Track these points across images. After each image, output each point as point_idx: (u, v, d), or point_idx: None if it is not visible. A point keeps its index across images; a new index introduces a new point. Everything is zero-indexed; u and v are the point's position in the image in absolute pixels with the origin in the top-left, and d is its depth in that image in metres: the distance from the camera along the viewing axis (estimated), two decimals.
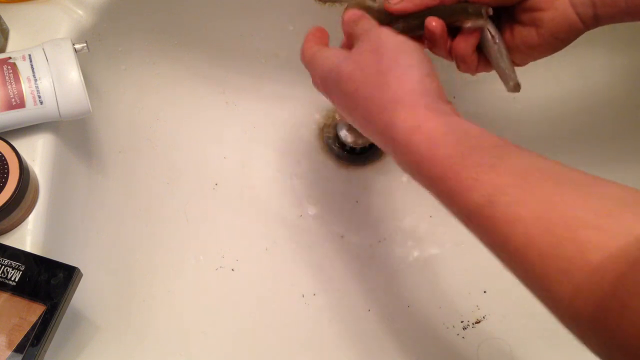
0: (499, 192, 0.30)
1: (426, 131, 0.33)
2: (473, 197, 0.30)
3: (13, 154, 0.42)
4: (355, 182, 0.63)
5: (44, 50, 0.45)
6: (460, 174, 0.31)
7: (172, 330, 0.53)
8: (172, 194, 0.59)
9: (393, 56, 0.35)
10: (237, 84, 0.63)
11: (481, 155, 0.31)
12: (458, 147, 0.32)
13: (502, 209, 0.29)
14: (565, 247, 0.27)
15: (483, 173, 0.30)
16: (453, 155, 0.32)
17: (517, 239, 0.29)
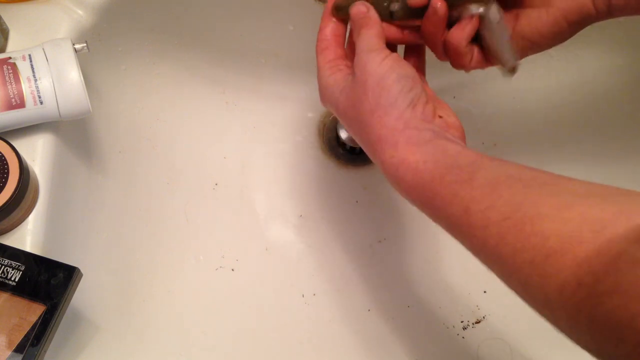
0: (473, 202, 0.33)
1: (408, 163, 0.37)
2: (452, 210, 0.34)
3: (13, 154, 0.42)
4: (355, 182, 0.63)
5: (44, 50, 0.45)
6: (441, 192, 0.35)
7: (172, 330, 0.53)
8: (172, 194, 0.59)
9: (375, 95, 0.38)
10: (237, 84, 0.63)
11: (457, 172, 0.35)
12: (437, 170, 0.36)
13: (476, 215, 0.33)
14: (531, 240, 0.30)
15: (459, 188, 0.34)
16: (433, 179, 0.36)
17: (492, 240, 0.32)
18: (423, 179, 0.36)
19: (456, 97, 0.63)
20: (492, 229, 0.32)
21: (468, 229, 0.34)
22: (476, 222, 0.33)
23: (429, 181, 0.36)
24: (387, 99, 0.38)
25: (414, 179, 0.36)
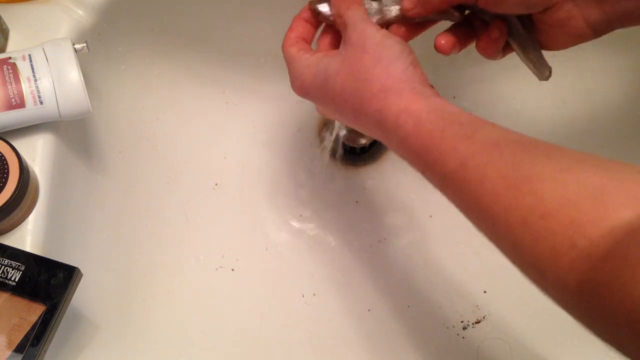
0: (470, 157, 0.33)
1: (412, 111, 0.36)
2: (449, 164, 0.34)
3: (13, 154, 0.42)
4: (355, 182, 0.63)
5: (44, 50, 0.45)
6: (440, 145, 0.35)
7: (172, 330, 0.53)
8: (172, 194, 0.59)
9: (378, 51, 0.38)
10: (237, 84, 0.63)
11: (458, 128, 0.35)
12: (439, 122, 0.35)
13: (473, 170, 0.33)
14: (526, 199, 0.30)
15: (459, 143, 0.34)
16: (434, 130, 0.35)
17: (485, 197, 0.32)
18: (423, 129, 0.36)
19: (456, 97, 0.63)
20: (487, 185, 0.32)
21: (462, 184, 0.33)
22: (471, 177, 0.33)
23: (428, 132, 0.35)
24: (390, 53, 0.38)
25: (414, 128, 0.36)
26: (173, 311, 0.54)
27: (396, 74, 0.38)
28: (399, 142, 0.37)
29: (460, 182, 0.33)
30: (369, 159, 0.64)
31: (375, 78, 0.38)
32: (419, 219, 0.61)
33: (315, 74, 0.41)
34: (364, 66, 0.38)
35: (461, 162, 0.33)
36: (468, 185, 0.33)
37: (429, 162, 0.36)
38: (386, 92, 0.38)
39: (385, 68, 0.38)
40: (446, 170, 0.34)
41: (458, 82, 0.62)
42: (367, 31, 0.39)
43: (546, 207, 0.29)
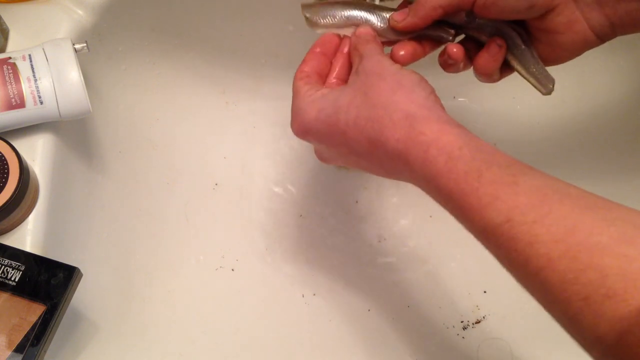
0: (517, 211, 0.30)
1: (442, 145, 0.33)
2: (491, 215, 0.31)
3: (13, 154, 0.42)
4: (355, 182, 0.63)
5: (44, 50, 0.45)
6: (478, 191, 0.31)
7: (172, 330, 0.53)
8: (172, 194, 0.59)
9: (396, 78, 0.36)
10: (237, 84, 0.63)
11: (498, 172, 0.32)
12: (474, 162, 0.32)
13: (521, 228, 0.30)
14: (587, 273, 0.27)
15: (501, 190, 0.31)
16: (470, 171, 0.32)
17: (537, 261, 0.29)
18: (457, 168, 0.32)
19: (456, 97, 0.63)
20: (539, 249, 0.29)
21: (507, 242, 0.30)
22: (520, 236, 0.29)
23: (463, 172, 0.32)
24: (410, 81, 0.36)
25: (447, 165, 0.32)
26: (173, 311, 0.54)
27: (419, 100, 0.35)
28: (426, 180, 0.34)
29: (506, 240, 0.30)
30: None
31: (397, 104, 0.35)
32: (419, 219, 0.61)
33: (321, 108, 0.38)
34: (382, 93, 0.36)
35: (506, 216, 0.30)
36: (515, 244, 0.30)
37: (464, 209, 0.32)
38: (410, 119, 0.34)
39: (407, 94, 0.35)
40: (488, 222, 0.31)
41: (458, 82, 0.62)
42: (383, 62, 0.37)
43: (611, 286, 0.26)
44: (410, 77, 0.36)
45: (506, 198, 0.30)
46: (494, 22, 0.40)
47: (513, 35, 0.40)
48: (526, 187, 0.31)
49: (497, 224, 0.30)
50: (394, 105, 0.35)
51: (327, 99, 0.38)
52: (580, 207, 0.29)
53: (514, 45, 0.40)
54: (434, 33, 0.41)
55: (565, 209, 0.29)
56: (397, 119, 0.35)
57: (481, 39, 0.41)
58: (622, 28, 0.38)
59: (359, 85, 0.37)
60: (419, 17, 0.39)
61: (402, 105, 0.35)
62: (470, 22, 0.41)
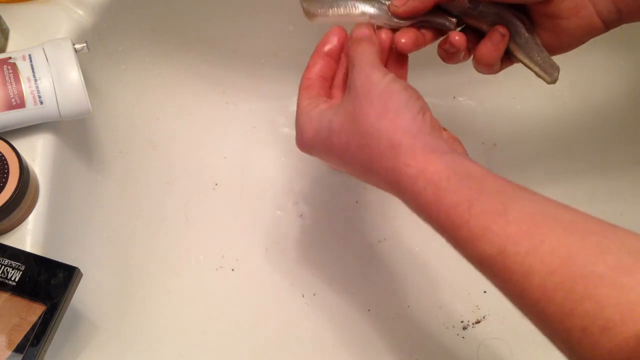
0: (509, 241, 0.30)
1: (429, 176, 0.33)
2: (484, 247, 0.30)
3: (13, 154, 0.42)
4: (355, 182, 0.63)
5: (44, 50, 0.45)
6: (469, 223, 0.31)
7: (172, 330, 0.53)
8: (172, 194, 0.59)
9: (382, 101, 0.35)
10: (237, 84, 0.63)
11: (488, 201, 0.31)
12: (463, 192, 0.32)
13: (515, 259, 0.29)
14: (584, 305, 0.27)
15: (492, 221, 0.30)
16: (460, 202, 0.32)
17: (534, 293, 0.29)
18: (446, 200, 0.32)
19: (456, 96, 0.63)
20: (534, 280, 0.28)
21: (503, 273, 0.30)
22: (514, 267, 0.29)
23: (452, 205, 0.32)
24: (397, 102, 0.35)
25: (436, 197, 0.32)
26: (173, 311, 0.54)
27: (405, 126, 0.34)
28: (418, 208, 0.34)
29: (501, 271, 0.30)
30: None
31: (382, 133, 0.34)
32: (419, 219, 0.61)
33: (317, 130, 0.38)
34: (369, 120, 0.35)
35: (498, 248, 0.30)
36: (510, 275, 0.29)
37: (457, 240, 0.32)
38: (396, 149, 0.34)
39: (392, 120, 0.34)
40: (481, 254, 0.31)
41: (458, 82, 0.62)
42: (372, 77, 0.36)
43: (608, 317, 0.26)
44: (398, 96, 0.35)
45: (497, 229, 0.30)
46: (497, 9, 0.39)
47: (516, 23, 0.39)
48: (517, 215, 0.30)
49: (491, 255, 0.30)
50: (380, 134, 0.35)
51: (323, 119, 0.38)
52: (574, 235, 0.29)
53: (517, 34, 0.40)
54: (436, 20, 0.41)
55: (559, 238, 0.29)
56: (384, 148, 0.35)
57: (482, 29, 0.41)
58: (628, 15, 0.37)
59: (350, 107, 0.36)
60: (419, 1, 0.39)
61: (388, 134, 0.34)
62: (473, 8, 0.40)
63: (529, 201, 0.31)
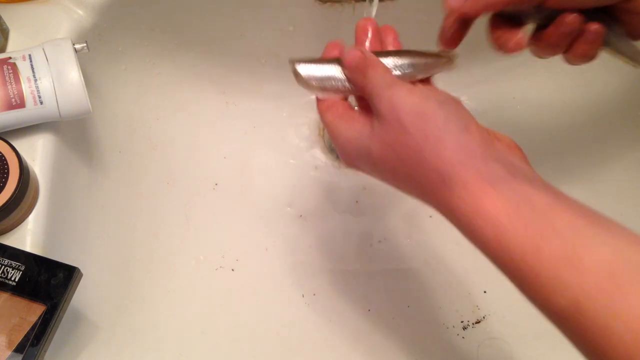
0: (585, 296, 0.27)
1: (487, 216, 0.29)
2: (556, 300, 0.28)
3: (13, 154, 0.42)
4: (355, 182, 0.63)
5: (44, 50, 0.45)
6: (538, 274, 0.28)
7: (172, 330, 0.53)
8: (172, 194, 0.59)
9: (419, 127, 0.31)
10: (237, 84, 0.63)
11: (558, 244, 0.28)
12: (528, 234, 0.28)
13: (592, 316, 0.26)
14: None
15: (564, 270, 0.27)
16: (526, 249, 0.28)
17: (614, 354, 0.26)
18: (509, 243, 0.29)
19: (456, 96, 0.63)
20: (613, 340, 0.25)
21: (576, 328, 0.27)
22: (590, 325, 0.26)
23: (519, 251, 0.28)
24: (434, 127, 0.31)
25: (496, 236, 0.29)
26: (173, 311, 0.54)
27: (450, 154, 0.30)
28: (476, 244, 0.31)
29: (575, 326, 0.27)
30: None
31: (428, 165, 0.31)
32: (419, 219, 0.61)
33: (359, 154, 0.35)
34: (410, 152, 0.31)
35: (572, 300, 0.27)
36: (587, 332, 0.27)
37: (524, 285, 0.29)
38: (445, 182, 0.31)
39: (435, 149, 0.31)
40: (552, 307, 0.28)
41: (458, 82, 0.62)
42: (396, 102, 0.32)
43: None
44: (434, 118, 0.31)
45: (571, 279, 0.27)
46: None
47: (607, 20, 0.36)
48: (592, 263, 0.27)
49: (562, 306, 0.27)
50: (426, 167, 0.31)
51: (361, 145, 0.34)
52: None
53: (613, 33, 0.36)
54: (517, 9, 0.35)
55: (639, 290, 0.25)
56: (434, 181, 0.31)
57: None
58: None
59: (385, 137, 0.33)
60: (482, 5, 0.34)
61: (434, 166, 0.31)
62: (538, 12, 0.36)
63: (603, 243, 0.27)
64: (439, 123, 0.31)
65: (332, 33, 0.61)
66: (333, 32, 0.61)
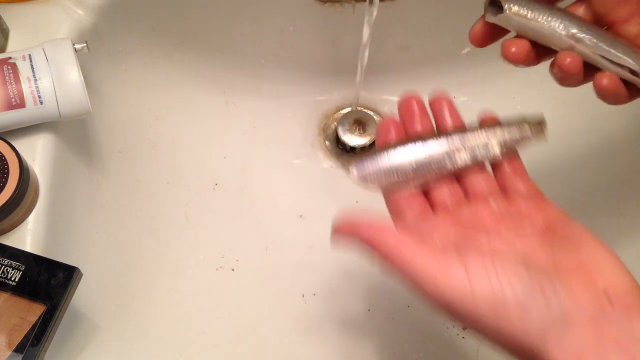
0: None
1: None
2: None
3: (13, 154, 0.42)
4: None
5: (44, 50, 0.45)
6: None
7: (172, 330, 0.53)
8: (172, 194, 0.59)
9: (495, 304, 0.27)
10: (237, 84, 0.63)
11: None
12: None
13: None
14: None
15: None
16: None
17: None
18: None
19: (456, 96, 0.63)
20: None
21: None
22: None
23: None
24: (509, 300, 0.27)
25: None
26: (173, 311, 0.54)
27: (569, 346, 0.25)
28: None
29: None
30: None
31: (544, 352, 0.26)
32: None
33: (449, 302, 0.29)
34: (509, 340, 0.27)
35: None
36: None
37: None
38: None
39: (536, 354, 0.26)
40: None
41: (458, 82, 0.62)
42: (441, 280, 0.28)
43: None
44: (510, 289, 0.27)
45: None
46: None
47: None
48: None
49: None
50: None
51: (448, 290, 0.29)
52: None
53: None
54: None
55: None
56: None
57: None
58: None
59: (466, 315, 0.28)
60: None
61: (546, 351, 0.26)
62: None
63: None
64: (517, 293, 0.27)
65: (332, 33, 0.61)
66: (333, 32, 0.61)
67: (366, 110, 0.65)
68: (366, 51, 0.55)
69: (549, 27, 0.33)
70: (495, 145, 0.34)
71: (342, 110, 0.65)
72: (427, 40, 0.44)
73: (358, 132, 0.63)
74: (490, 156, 0.34)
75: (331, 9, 0.58)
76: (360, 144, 0.62)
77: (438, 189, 0.35)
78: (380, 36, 0.57)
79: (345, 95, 0.65)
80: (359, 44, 0.54)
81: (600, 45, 0.33)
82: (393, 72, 0.63)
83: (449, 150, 0.34)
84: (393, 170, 0.34)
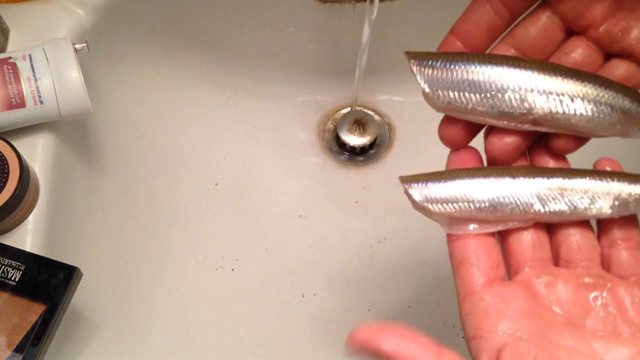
0: None
1: None
2: None
3: (13, 154, 0.42)
4: (355, 182, 0.63)
5: (44, 50, 0.45)
6: None
7: (172, 330, 0.53)
8: (172, 194, 0.59)
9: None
10: (237, 84, 0.63)
11: None
12: None
13: None
14: None
15: None
16: None
17: None
18: None
19: None
20: None
21: None
22: None
23: None
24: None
25: None
26: (173, 311, 0.54)
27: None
28: None
29: None
30: (369, 159, 0.64)
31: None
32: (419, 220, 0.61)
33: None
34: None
35: None
36: None
37: None
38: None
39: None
40: None
41: None
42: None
43: None
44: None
45: None
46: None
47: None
48: None
49: None
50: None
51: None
52: None
53: None
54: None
55: None
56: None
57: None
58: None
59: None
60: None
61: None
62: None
63: None
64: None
65: (332, 33, 0.61)
66: (333, 32, 0.61)
67: (366, 110, 0.65)
68: (366, 51, 0.55)
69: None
70: (607, 200, 0.26)
71: (342, 110, 0.65)
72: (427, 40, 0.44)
73: (358, 132, 0.63)
74: (595, 212, 0.26)
75: (331, 9, 0.58)
76: (360, 144, 0.62)
77: (518, 240, 0.28)
78: (380, 36, 0.57)
79: (345, 95, 0.65)
80: (358, 44, 0.54)
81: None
82: (393, 72, 0.63)
83: (541, 194, 0.26)
84: (468, 204, 0.26)
